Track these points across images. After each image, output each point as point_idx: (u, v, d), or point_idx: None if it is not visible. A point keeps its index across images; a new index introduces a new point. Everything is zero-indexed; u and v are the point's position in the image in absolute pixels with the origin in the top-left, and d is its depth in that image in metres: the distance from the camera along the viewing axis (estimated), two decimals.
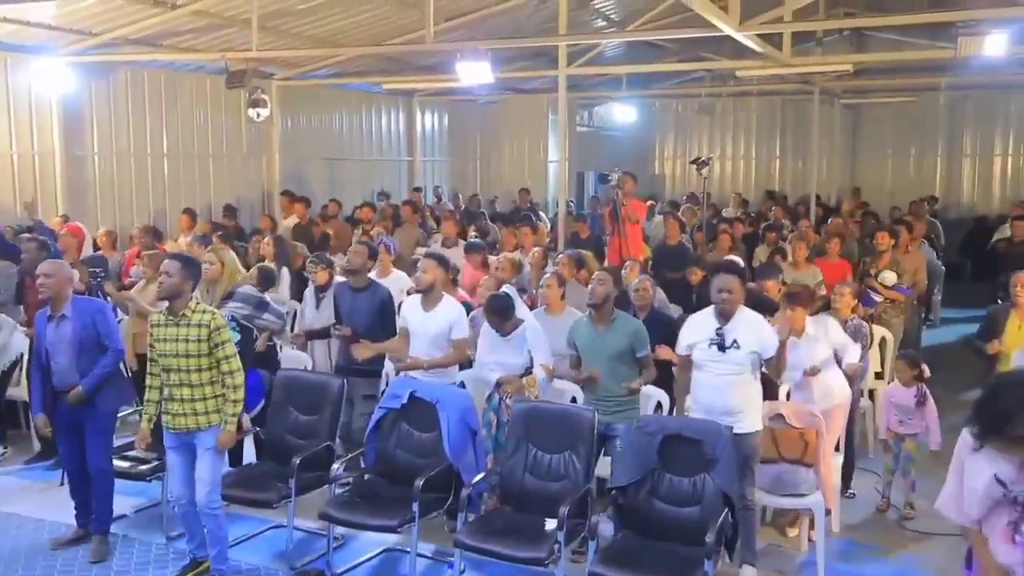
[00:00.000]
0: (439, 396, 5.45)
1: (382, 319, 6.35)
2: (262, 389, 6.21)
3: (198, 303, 4.97)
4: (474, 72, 9.34)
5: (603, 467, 5.41)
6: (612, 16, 13.38)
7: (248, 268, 8.08)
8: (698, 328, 5.22)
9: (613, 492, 4.84)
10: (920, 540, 5.84)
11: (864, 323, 6.79)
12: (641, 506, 4.77)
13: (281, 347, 7.21)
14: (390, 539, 5.53)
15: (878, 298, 8.27)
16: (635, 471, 4.80)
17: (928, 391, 6.25)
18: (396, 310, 6.57)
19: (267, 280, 7.26)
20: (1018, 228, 10.66)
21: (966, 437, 3.57)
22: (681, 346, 5.31)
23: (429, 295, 6.03)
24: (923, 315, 11.08)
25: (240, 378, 4.95)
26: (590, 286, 5.76)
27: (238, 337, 5.85)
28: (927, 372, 6.31)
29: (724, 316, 5.10)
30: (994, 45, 7.93)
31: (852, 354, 6.18)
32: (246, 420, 5.40)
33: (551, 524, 4.69)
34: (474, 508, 5.16)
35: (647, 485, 4.78)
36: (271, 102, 12.04)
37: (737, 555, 5.12)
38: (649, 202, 14.40)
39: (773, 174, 19.61)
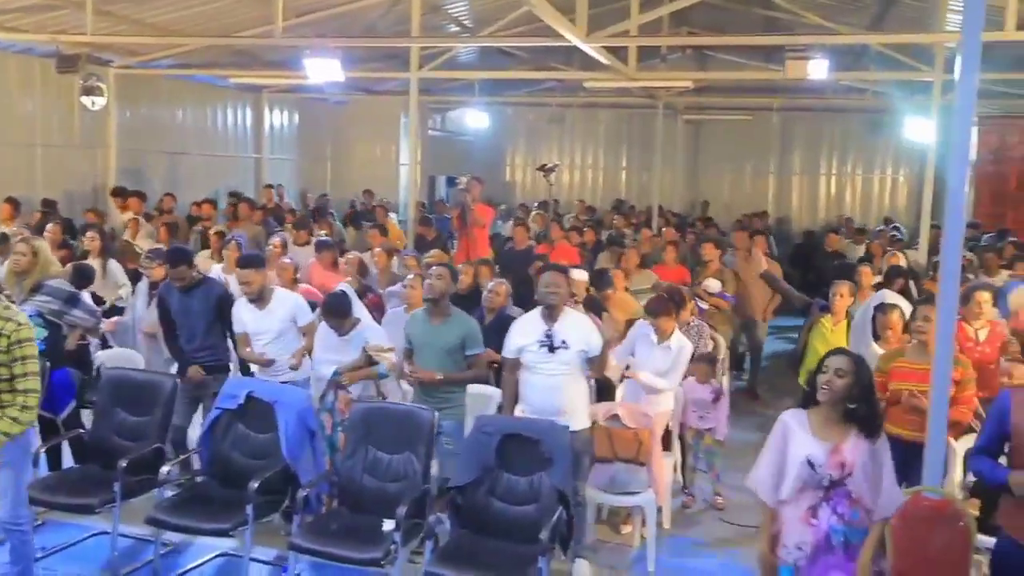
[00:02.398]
0: (277, 396, 5.33)
1: (216, 319, 6.13)
2: (72, 389, 5.90)
3: (5, 307, 4.38)
4: (323, 70, 9.20)
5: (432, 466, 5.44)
6: (465, 21, 13.47)
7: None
8: (526, 331, 5.31)
9: (451, 492, 4.87)
10: (744, 533, 6.11)
11: (705, 324, 7.12)
12: (479, 505, 4.82)
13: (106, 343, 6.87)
14: (223, 543, 5.36)
15: (703, 305, 8.66)
16: (473, 471, 4.85)
17: (723, 387, 6.63)
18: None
19: (83, 276, 6.87)
20: (830, 240, 11.57)
21: (786, 420, 3.90)
22: (509, 349, 5.37)
23: (260, 298, 5.98)
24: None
25: (34, 384, 4.31)
26: (427, 281, 5.76)
27: (44, 334, 5.51)
28: (721, 374, 6.72)
29: (551, 317, 5.23)
30: (817, 68, 8.50)
31: (673, 379, 6.23)
32: None
33: (389, 525, 4.67)
34: (311, 510, 5.08)
35: (485, 484, 4.84)
36: (108, 91, 11.45)
37: (570, 551, 5.25)
38: (503, 207, 14.60)
39: (620, 184, 20.20)
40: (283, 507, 5.10)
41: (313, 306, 6.86)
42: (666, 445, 6.37)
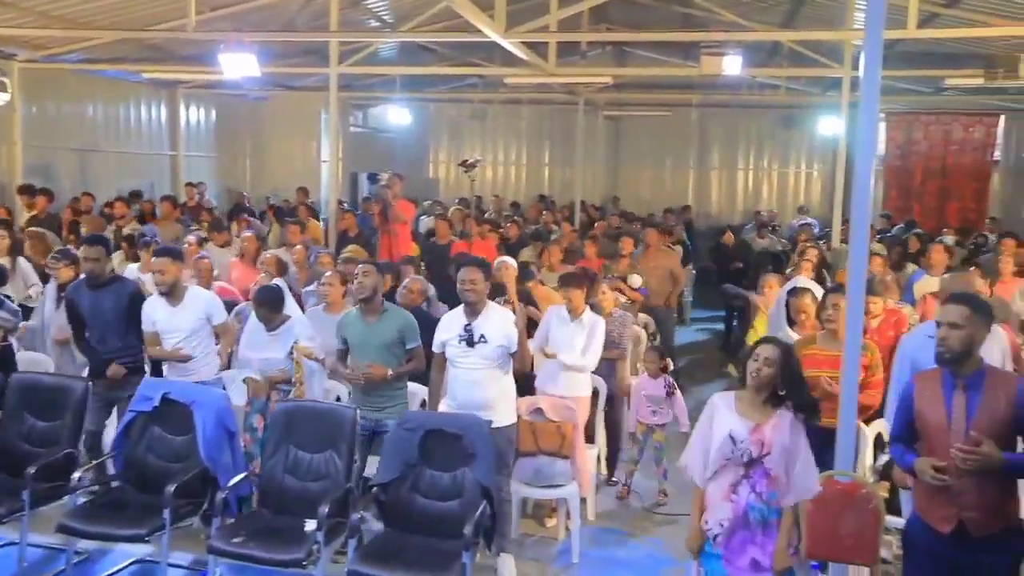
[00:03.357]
0: (194, 397, 5.22)
1: (130, 317, 5.95)
2: None
3: None
4: (239, 65, 9.03)
5: (374, 464, 5.39)
6: (385, 17, 13.36)
7: None
8: (449, 326, 5.38)
9: (375, 489, 4.84)
10: (668, 523, 6.22)
11: (628, 315, 7.20)
12: (403, 502, 4.80)
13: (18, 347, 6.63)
14: (139, 550, 5.22)
15: (623, 299, 8.76)
16: (397, 467, 4.83)
17: (674, 382, 6.70)
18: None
19: None
20: (727, 238, 11.94)
21: (715, 401, 4.07)
22: (436, 344, 5.42)
23: (172, 292, 5.85)
24: (677, 315, 11.92)
25: None
26: (357, 280, 5.71)
27: None
28: (671, 365, 6.78)
29: (473, 312, 5.25)
30: (731, 64, 8.69)
31: (590, 357, 6.21)
32: None
33: (311, 525, 4.62)
34: (231, 512, 4.99)
35: (408, 481, 4.82)
36: (12, 85, 11.04)
37: (495, 545, 5.26)
38: (427, 202, 14.54)
39: (543, 180, 20.31)
40: (202, 510, 5.00)
41: (230, 306, 6.76)
42: (590, 437, 6.43)
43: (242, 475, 5.10)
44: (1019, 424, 3.61)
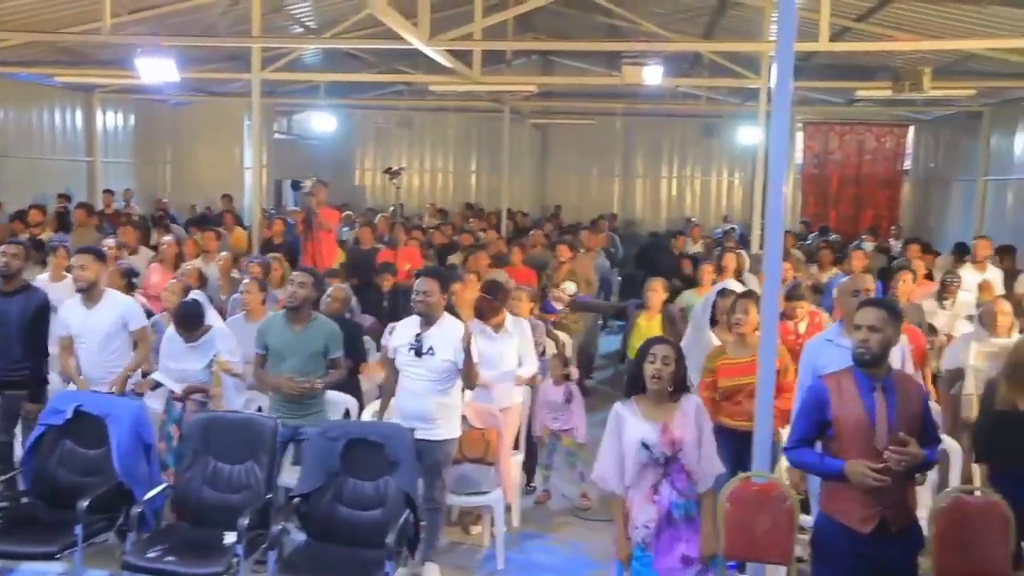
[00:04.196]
0: (108, 409, 5.08)
1: (34, 327, 5.75)
2: None
3: None
4: (156, 69, 8.84)
5: (293, 474, 5.33)
6: (308, 23, 13.23)
7: None
8: (402, 333, 5.35)
9: (296, 500, 4.78)
10: (591, 527, 6.28)
11: (541, 323, 7.25)
12: (324, 512, 4.75)
13: None
14: (51, 568, 5.06)
15: (559, 306, 8.83)
16: (318, 477, 4.78)
17: (575, 389, 6.74)
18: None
19: None
20: (679, 243, 12.03)
21: (617, 411, 4.13)
22: (390, 349, 5.42)
23: (90, 292, 5.69)
24: (602, 322, 12.07)
25: None
26: (289, 288, 5.65)
27: None
28: (575, 374, 6.86)
29: (426, 322, 5.23)
30: (652, 74, 8.85)
31: (529, 365, 6.38)
32: None
33: (230, 537, 4.54)
34: (147, 527, 4.87)
35: (330, 491, 4.78)
36: None
37: (420, 554, 5.25)
38: (347, 212, 14.41)
39: (470, 188, 20.34)
40: (117, 525, 4.87)
41: (149, 314, 6.62)
42: (515, 444, 6.45)
43: (160, 487, 4.99)
44: (923, 423, 3.77)
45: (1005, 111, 13.55)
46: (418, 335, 5.21)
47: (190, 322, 5.61)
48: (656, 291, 7.38)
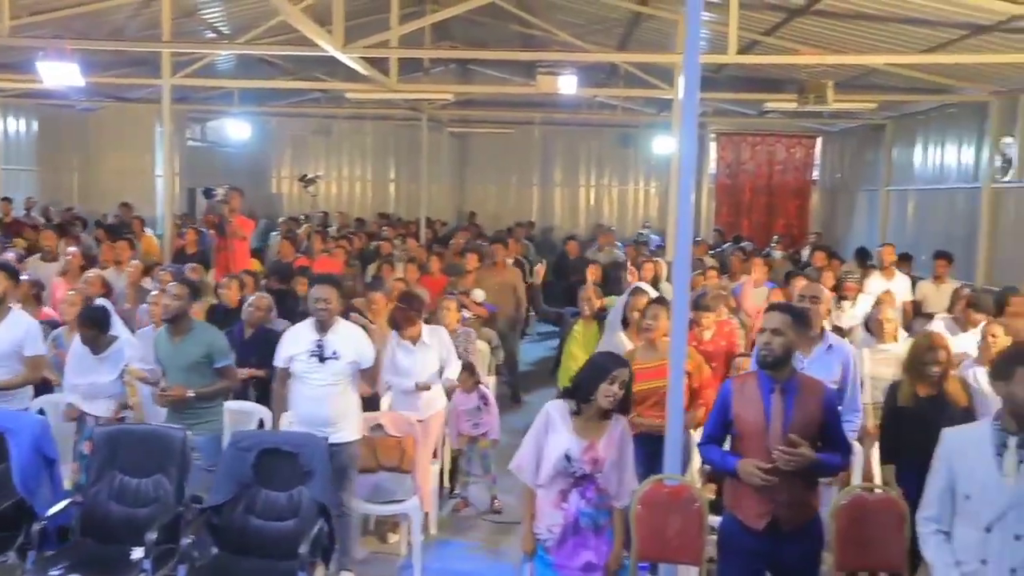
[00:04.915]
0: (8, 424, 4.91)
1: None
2: None
3: None
4: (59, 73, 8.58)
5: None
6: (221, 28, 13.01)
7: None
8: (298, 340, 5.31)
9: (207, 512, 4.69)
10: (508, 530, 6.30)
11: (472, 331, 7.27)
12: (236, 524, 4.67)
13: None
14: None
15: (467, 314, 8.85)
16: (230, 489, 4.70)
17: (488, 392, 6.81)
18: None
19: None
20: (570, 247, 12.29)
21: (550, 412, 4.14)
22: (280, 358, 5.34)
23: None
24: (521, 329, 12.15)
25: None
26: (164, 300, 5.54)
27: None
28: (482, 379, 6.94)
29: (323, 327, 5.21)
30: (566, 84, 8.97)
31: (453, 369, 6.49)
32: None
33: (138, 552, 4.43)
34: (50, 544, 4.71)
35: (242, 502, 4.70)
36: None
37: (335, 563, 5.22)
38: (263, 221, 14.22)
39: (389, 196, 20.23)
40: (17, 544, 4.69)
41: (55, 325, 6.44)
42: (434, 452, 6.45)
43: (63, 503, 4.83)
44: (824, 427, 3.89)
45: (905, 124, 14.11)
46: (318, 341, 5.21)
47: (93, 325, 5.42)
48: (591, 299, 7.46)
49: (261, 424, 5.92)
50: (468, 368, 6.83)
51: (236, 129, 18.35)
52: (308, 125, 19.26)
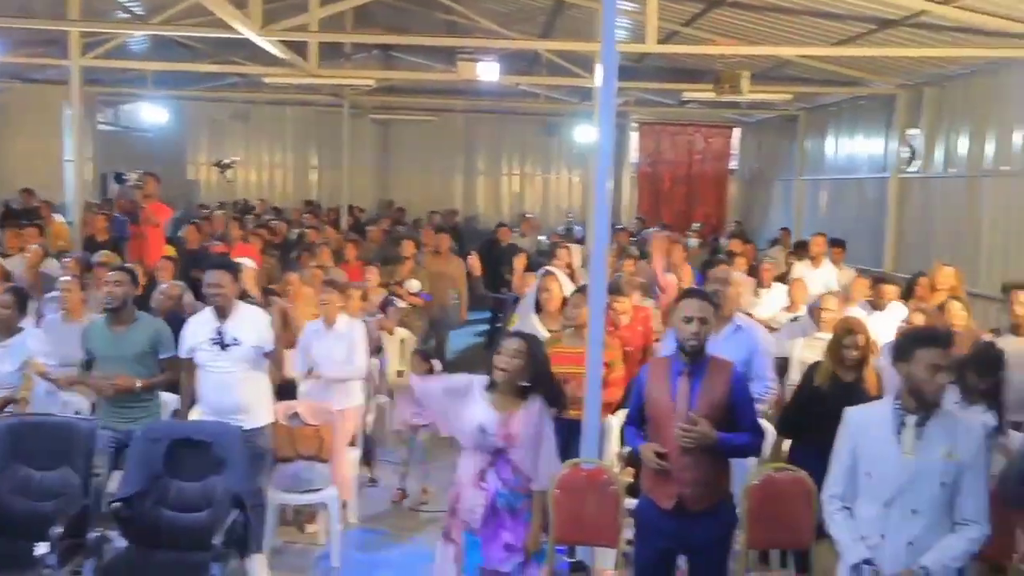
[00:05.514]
0: None
1: None
2: None
3: None
4: None
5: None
6: (133, 8, 12.61)
7: None
8: (198, 329, 5.22)
9: (117, 505, 4.57)
10: (431, 521, 6.27)
11: (371, 319, 7.22)
12: (147, 516, 4.57)
13: None
14: None
15: (401, 304, 8.79)
16: (140, 480, 4.60)
17: None
18: None
19: None
20: (502, 233, 12.33)
21: (473, 381, 4.28)
22: (183, 350, 5.24)
23: None
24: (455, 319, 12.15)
25: None
26: (106, 288, 5.39)
27: None
28: (437, 367, 6.88)
29: (222, 314, 5.13)
30: (487, 71, 8.95)
31: (356, 367, 6.32)
32: None
33: (42, 548, 4.28)
34: None
35: (153, 494, 4.60)
36: None
37: (249, 551, 5.15)
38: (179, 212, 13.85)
39: (310, 183, 19.94)
40: None
41: None
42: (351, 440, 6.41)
43: None
44: (733, 407, 3.97)
45: (818, 115, 14.48)
46: (218, 328, 5.12)
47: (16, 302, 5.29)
48: (528, 286, 7.46)
49: (176, 413, 5.79)
50: (422, 355, 6.79)
51: (151, 113, 17.84)
52: (226, 110, 18.82)
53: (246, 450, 4.82)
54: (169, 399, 5.76)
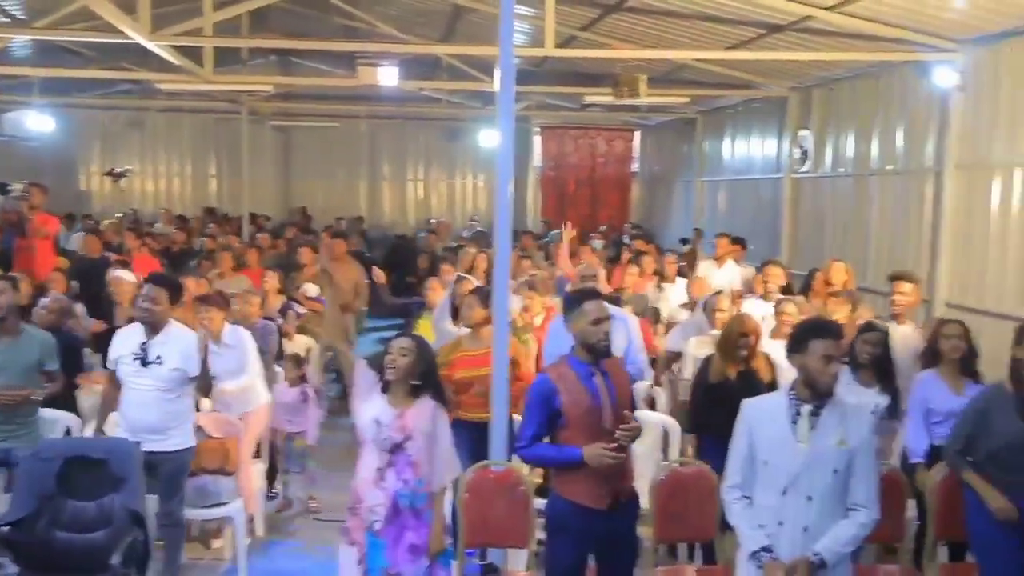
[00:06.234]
0: None
1: None
2: None
3: None
4: None
5: (4, 502, 4.87)
6: (14, 12, 12.09)
7: None
8: (125, 342, 5.07)
9: (5, 529, 4.37)
10: (334, 528, 6.19)
11: (271, 323, 7.11)
12: (39, 539, 4.39)
13: None
14: None
15: (301, 309, 8.67)
16: (31, 502, 4.41)
17: (311, 391, 6.71)
18: None
19: None
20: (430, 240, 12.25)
21: (370, 378, 4.28)
22: (109, 360, 5.10)
23: None
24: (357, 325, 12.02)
25: None
26: None
27: None
28: (309, 375, 6.85)
29: (151, 330, 4.98)
30: (386, 75, 8.91)
31: (247, 375, 6.14)
32: None
33: None
34: None
35: (45, 516, 4.42)
36: None
37: (161, 575, 5.03)
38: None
39: (210, 192, 19.46)
40: None
41: None
42: (256, 451, 6.28)
43: None
44: (631, 399, 4.09)
45: (715, 118, 14.88)
46: (143, 344, 4.97)
47: None
48: (435, 290, 7.44)
49: (68, 432, 5.58)
50: (293, 360, 6.69)
51: (38, 122, 17.14)
52: (120, 118, 18.25)
53: (161, 471, 4.69)
54: (59, 416, 5.55)
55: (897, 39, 8.39)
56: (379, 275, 9.21)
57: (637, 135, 19.01)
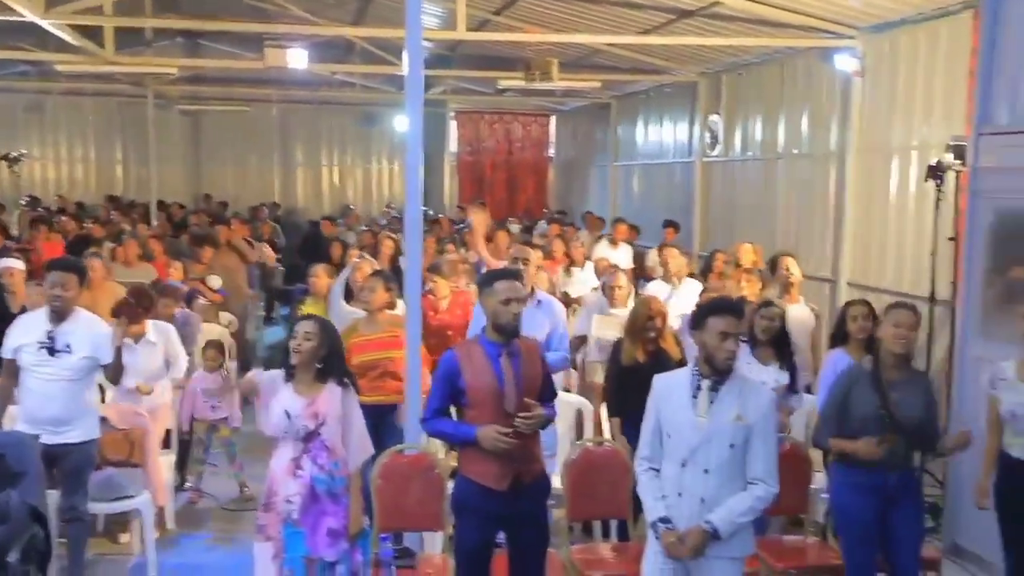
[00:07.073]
0: None
1: None
2: None
3: None
4: None
5: None
6: None
7: None
8: (28, 329, 4.86)
9: None
10: (245, 520, 6.06)
11: (192, 314, 6.99)
12: None
13: None
14: None
15: (204, 301, 8.51)
16: None
17: (232, 377, 6.65)
18: None
19: None
20: (325, 226, 12.23)
21: (273, 375, 4.32)
22: (7, 348, 4.88)
23: None
24: (266, 313, 11.86)
25: None
26: None
27: None
28: (227, 359, 6.76)
29: (58, 317, 4.81)
30: (295, 58, 8.75)
31: (179, 367, 6.12)
32: None
33: None
34: None
35: None
36: None
37: (65, 572, 4.89)
38: None
39: (116, 178, 18.83)
40: None
41: None
42: (165, 443, 6.15)
43: None
44: (543, 383, 4.09)
45: (628, 103, 15.04)
46: (50, 332, 4.79)
47: None
48: (320, 277, 7.38)
49: None
50: (215, 346, 6.59)
51: None
52: (17, 101, 17.50)
53: (64, 464, 4.55)
54: None
55: (801, 26, 8.61)
56: (268, 256, 9.10)
57: (552, 120, 19.10)
